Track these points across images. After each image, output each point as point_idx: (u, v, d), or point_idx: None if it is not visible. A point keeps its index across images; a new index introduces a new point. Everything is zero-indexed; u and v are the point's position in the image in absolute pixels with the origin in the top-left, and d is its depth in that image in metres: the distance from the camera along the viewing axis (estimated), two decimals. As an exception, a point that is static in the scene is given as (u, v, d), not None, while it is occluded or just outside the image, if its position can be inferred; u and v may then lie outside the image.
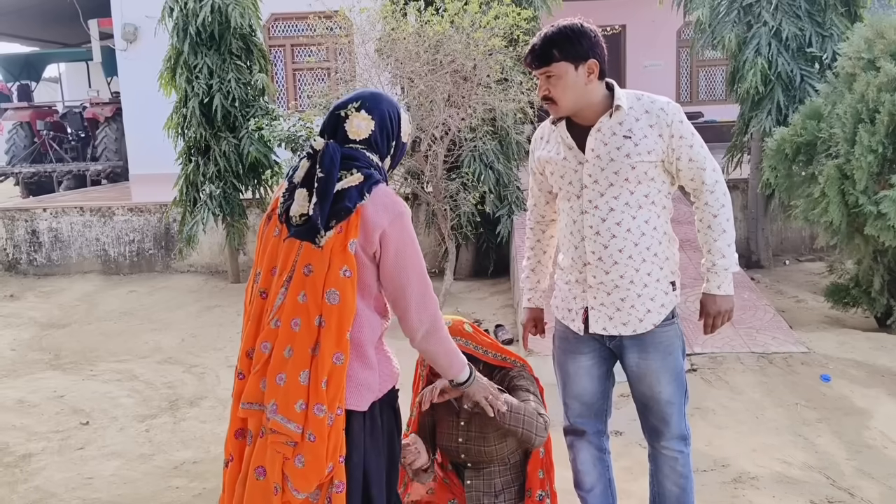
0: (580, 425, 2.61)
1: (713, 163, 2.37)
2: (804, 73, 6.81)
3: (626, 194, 2.31)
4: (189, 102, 7.45)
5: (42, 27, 15.67)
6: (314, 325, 1.96)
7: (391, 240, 2.00)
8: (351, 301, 1.97)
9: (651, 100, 2.34)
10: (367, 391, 2.04)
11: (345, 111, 2.09)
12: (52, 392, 4.90)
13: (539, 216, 2.64)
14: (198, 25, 7.24)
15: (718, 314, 2.41)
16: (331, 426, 1.96)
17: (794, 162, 5.48)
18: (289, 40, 11.96)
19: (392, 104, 2.16)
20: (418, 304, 2.07)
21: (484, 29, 5.73)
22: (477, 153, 6.83)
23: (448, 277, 6.11)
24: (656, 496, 2.60)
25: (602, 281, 2.36)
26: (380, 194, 2.01)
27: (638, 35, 13.67)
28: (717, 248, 2.36)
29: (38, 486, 3.58)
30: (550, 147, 2.45)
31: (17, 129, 13.86)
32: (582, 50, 2.24)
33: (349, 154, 2.04)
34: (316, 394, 1.95)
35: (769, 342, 4.87)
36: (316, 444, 1.95)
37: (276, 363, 1.99)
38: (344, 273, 1.96)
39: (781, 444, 3.66)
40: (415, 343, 2.13)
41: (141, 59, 11.22)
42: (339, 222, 1.97)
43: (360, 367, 2.03)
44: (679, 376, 2.45)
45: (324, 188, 1.99)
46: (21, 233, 8.69)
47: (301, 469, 1.96)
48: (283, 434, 1.96)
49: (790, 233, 8.09)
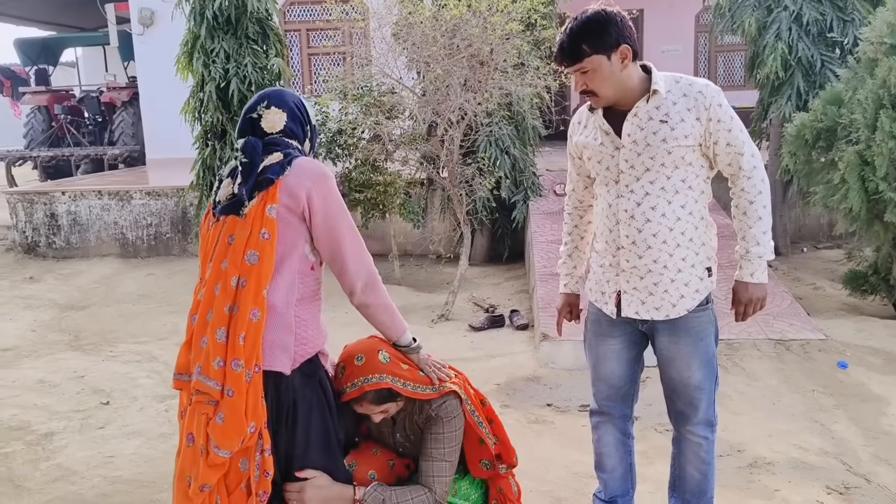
0: (607, 408, 2.60)
1: (752, 148, 2.32)
2: (825, 59, 6.73)
3: (663, 179, 2.28)
4: (206, 87, 7.45)
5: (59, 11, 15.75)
6: (232, 286, 2.05)
7: (318, 196, 2.10)
8: (269, 261, 2.05)
9: (689, 82, 2.30)
10: (283, 353, 2.07)
11: (256, 112, 2.21)
12: (73, 372, 4.97)
13: (577, 201, 2.63)
14: (215, 9, 7.23)
15: (750, 302, 2.37)
16: (249, 382, 2.00)
17: (814, 148, 5.43)
18: (304, 24, 11.95)
19: (294, 96, 2.28)
20: (354, 257, 2.16)
21: (501, 13, 5.69)
22: (493, 138, 6.82)
23: (463, 263, 6.12)
24: (677, 479, 2.59)
25: (635, 265, 2.35)
26: (301, 162, 2.13)
27: (656, 20, 13.55)
28: (751, 235, 2.32)
29: (60, 463, 3.64)
30: (588, 132, 2.43)
31: (35, 113, 13.96)
32: (611, 39, 2.19)
33: (270, 142, 2.18)
34: (233, 349, 2.00)
35: (786, 329, 4.85)
36: (234, 400, 1.99)
37: (199, 328, 2.09)
38: (262, 235, 2.06)
39: (798, 430, 3.65)
40: (354, 299, 2.20)
41: (157, 44, 11.27)
42: (260, 192, 2.09)
43: (276, 327, 2.07)
44: (710, 362, 2.41)
45: (247, 170, 2.13)
46: (40, 216, 8.77)
47: (221, 426, 2.00)
48: (205, 393, 2.02)
49: (808, 219, 8.03)
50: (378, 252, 8.17)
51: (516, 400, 4.20)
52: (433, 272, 7.45)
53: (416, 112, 6.10)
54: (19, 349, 5.61)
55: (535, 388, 4.37)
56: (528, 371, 4.62)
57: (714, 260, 2.41)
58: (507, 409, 4.06)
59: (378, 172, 6.65)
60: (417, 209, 7.23)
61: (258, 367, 2.02)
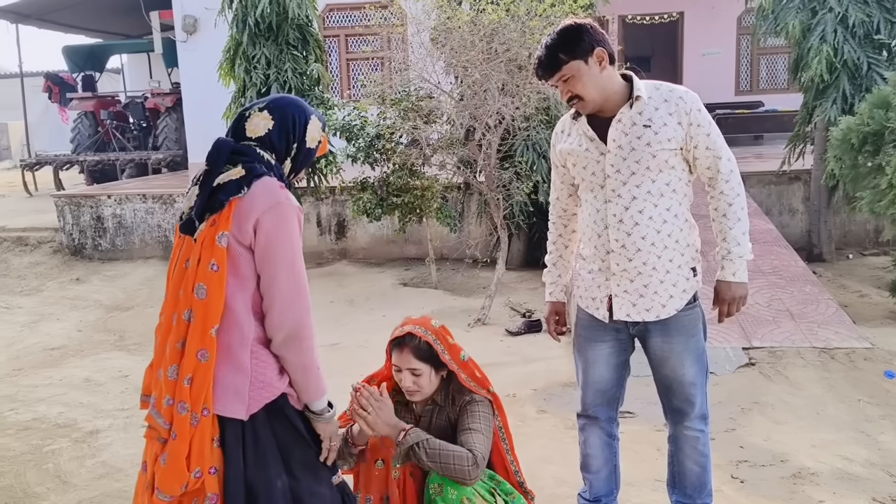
0: (594, 412, 2.67)
1: (729, 153, 2.42)
2: (871, 61, 6.58)
3: (648, 182, 2.37)
4: (247, 92, 7.59)
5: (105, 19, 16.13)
6: (184, 320, 1.91)
7: (263, 227, 1.90)
8: (217, 297, 1.88)
9: (669, 89, 2.40)
10: (236, 397, 1.91)
11: (249, 111, 2.06)
12: (118, 372, 5.09)
13: (561, 210, 2.70)
14: (256, 16, 7.37)
15: (733, 300, 2.45)
16: (195, 427, 1.87)
17: (860, 152, 5.31)
18: (343, 30, 12.08)
19: (300, 108, 2.08)
20: (282, 303, 1.93)
21: (540, 17, 5.68)
22: (530, 142, 6.80)
23: (500, 267, 6.11)
24: (676, 476, 2.65)
25: (625, 268, 2.42)
26: (260, 186, 1.93)
27: (696, 22, 13.39)
28: (732, 236, 2.41)
29: (105, 461, 3.73)
30: (572, 139, 2.51)
31: (81, 118, 14.31)
32: (585, 44, 2.31)
33: (238, 149, 1.99)
34: (180, 391, 1.88)
35: (831, 337, 4.75)
36: (177, 444, 1.87)
37: (158, 357, 1.99)
38: (211, 267, 1.88)
39: (843, 441, 3.57)
40: (274, 346, 1.96)
41: (200, 50, 11.49)
42: (211, 215, 1.92)
43: (229, 370, 1.90)
44: (701, 357, 2.51)
45: (205, 180, 1.97)
46: (86, 219, 8.99)
47: (164, 469, 1.89)
48: (155, 429, 1.93)
49: (854, 225, 7.84)
50: (415, 256, 8.24)
51: (553, 406, 4.18)
52: (470, 276, 7.46)
53: (453, 116, 6.12)
54: (66, 348, 5.76)
55: (573, 393, 4.33)
56: (565, 377, 4.60)
57: (698, 260, 2.50)
58: (544, 415, 4.04)
59: (415, 177, 6.69)
60: (454, 213, 7.24)
61: (207, 412, 1.87)
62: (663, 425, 2.75)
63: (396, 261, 8.28)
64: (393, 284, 7.29)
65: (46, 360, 5.50)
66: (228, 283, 1.90)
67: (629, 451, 3.33)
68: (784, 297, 5.39)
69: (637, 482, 3.21)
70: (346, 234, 8.55)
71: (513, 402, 4.23)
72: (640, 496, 3.12)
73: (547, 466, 3.42)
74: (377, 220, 7.11)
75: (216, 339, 1.88)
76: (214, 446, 1.91)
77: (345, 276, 7.77)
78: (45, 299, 7.36)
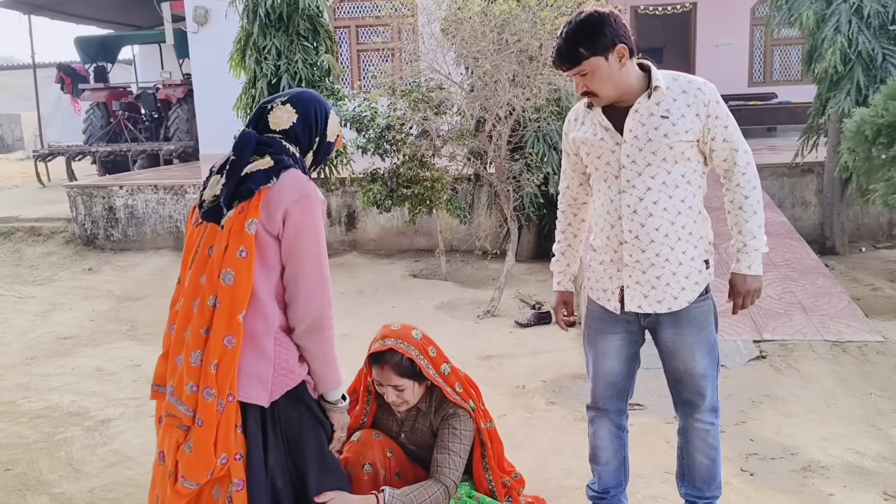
0: (604, 404, 2.66)
1: (745, 145, 2.39)
2: (886, 52, 6.50)
3: (664, 174, 2.34)
4: (258, 83, 7.59)
5: (117, 10, 16.18)
6: (208, 306, 1.91)
7: (292, 218, 1.93)
8: (245, 283, 1.89)
9: (688, 80, 2.36)
10: (259, 383, 1.92)
11: (271, 104, 2.07)
12: (129, 361, 5.12)
13: (571, 199, 2.67)
14: (267, 7, 7.37)
15: (748, 293, 2.44)
16: (221, 413, 1.87)
17: (875, 144, 5.26)
18: (353, 21, 12.06)
19: (321, 103, 2.11)
20: (309, 292, 1.96)
21: (551, 7, 5.65)
22: (541, 134, 6.78)
23: (509, 259, 6.10)
24: (685, 468, 2.65)
25: (638, 259, 2.40)
26: (289, 177, 1.96)
27: (710, 12, 13.28)
28: (748, 228, 2.39)
29: (116, 449, 3.76)
30: (586, 128, 2.47)
31: (94, 109, 14.38)
32: (607, 40, 2.24)
33: (264, 141, 2.02)
34: (206, 377, 1.88)
35: (843, 330, 4.72)
36: (203, 430, 1.87)
37: (176, 345, 1.97)
38: (240, 254, 1.90)
39: (854, 434, 3.55)
40: (296, 335, 1.99)
41: (211, 41, 11.50)
42: (240, 202, 1.93)
43: (253, 356, 1.92)
44: (713, 349, 2.49)
45: (232, 169, 1.98)
46: (99, 209, 9.04)
47: (189, 456, 1.88)
48: (176, 416, 1.91)
49: (867, 218, 7.78)
50: (425, 248, 8.24)
51: (562, 397, 4.17)
52: (479, 268, 7.45)
53: (464, 108, 6.10)
54: (78, 338, 5.81)
55: (582, 385, 4.33)
56: (574, 368, 4.59)
57: (711, 252, 2.47)
58: (554, 407, 4.04)
59: (425, 168, 6.68)
60: (464, 205, 7.23)
61: (232, 397, 1.89)
62: (673, 418, 2.76)
63: (406, 252, 8.29)
64: (403, 276, 7.30)
65: (59, 349, 5.55)
66: (255, 271, 1.91)
67: (638, 443, 3.34)
68: (796, 290, 5.36)
69: (646, 474, 3.20)
70: (357, 226, 8.57)
71: (522, 394, 4.23)
72: (648, 488, 3.11)
73: (556, 458, 3.43)
74: (387, 212, 7.12)
75: (243, 324, 1.89)
76: (238, 432, 1.93)
77: (355, 267, 7.79)
78: (57, 289, 7.42)
